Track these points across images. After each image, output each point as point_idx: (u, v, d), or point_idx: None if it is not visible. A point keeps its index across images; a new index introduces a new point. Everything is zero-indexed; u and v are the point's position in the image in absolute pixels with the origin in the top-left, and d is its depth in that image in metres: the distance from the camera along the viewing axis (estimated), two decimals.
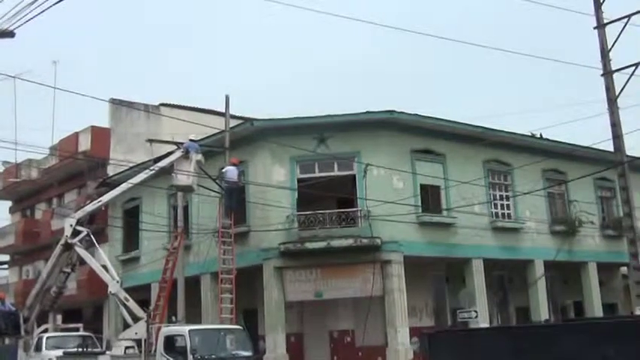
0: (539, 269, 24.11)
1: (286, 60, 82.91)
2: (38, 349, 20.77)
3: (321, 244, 20.28)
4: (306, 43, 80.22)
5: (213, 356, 15.13)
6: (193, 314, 21.50)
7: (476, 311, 21.55)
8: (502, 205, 24.12)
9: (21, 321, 22.37)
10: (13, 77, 16.86)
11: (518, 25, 72.29)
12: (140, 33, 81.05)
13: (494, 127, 23.34)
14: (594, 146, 21.62)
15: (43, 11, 10.20)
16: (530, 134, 25.13)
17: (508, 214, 24.15)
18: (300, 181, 21.44)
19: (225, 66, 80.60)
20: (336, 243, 20.23)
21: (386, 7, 70.38)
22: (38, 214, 34.31)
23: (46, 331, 22.40)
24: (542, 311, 23.55)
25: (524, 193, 23.38)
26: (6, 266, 39.24)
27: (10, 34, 11.03)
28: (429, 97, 69.93)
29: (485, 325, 21.63)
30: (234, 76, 76.78)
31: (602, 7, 18.13)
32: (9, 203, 37.56)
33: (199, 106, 30.16)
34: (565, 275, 25.75)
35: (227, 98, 21.57)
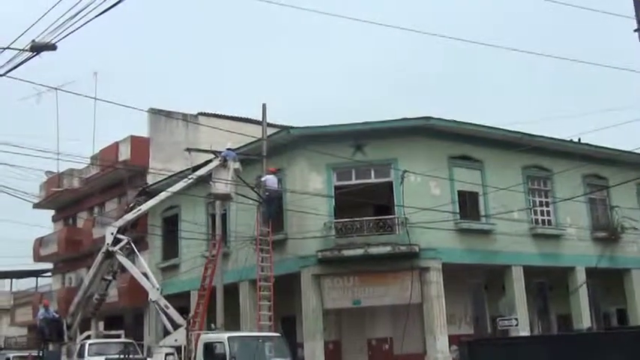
0: (580, 276, 23.71)
1: (319, 64, 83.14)
2: (81, 355, 21.07)
3: (359, 252, 20.26)
4: (337, 46, 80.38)
5: None
6: (232, 321, 21.63)
7: (516, 319, 21.29)
8: (542, 212, 23.80)
9: (64, 327, 22.78)
10: (56, 89, 17.22)
11: (562, 28, 71.43)
12: (178, 43, 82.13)
13: (533, 133, 23.08)
14: (636, 151, 21.23)
15: (85, 24, 10.41)
16: (569, 139, 24.79)
17: (548, 220, 23.82)
18: (337, 188, 21.45)
19: (262, 73, 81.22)
20: (373, 250, 20.19)
21: (420, 7, 70.20)
22: (80, 223, 34.88)
23: (88, 337, 22.72)
24: (584, 319, 23.15)
25: (565, 199, 23.04)
26: (49, 274, 40.02)
27: (52, 47, 11.25)
28: (466, 102, 69.42)
29: (526, 333, 21.36)
30: (271, 84, 77.29)
31: None
32: (52, 212, 38.28)
33: (237, 115, 30.44)
34: (607, 282, 25.26)
35: (264, 107, 21.72)
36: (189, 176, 21.25)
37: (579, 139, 24.83)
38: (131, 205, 22.48)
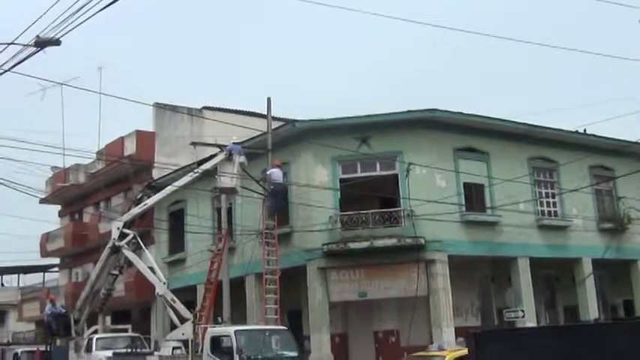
0: (587, 268, 23.65)
1: (326, 59, 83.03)
2: (89, 349, 21.19)
3: (365, 244, 20.26)
4: (345, 42, 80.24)
5: (259, 356, 15.26)
6: (238, 315, 21.69)
7: (522, 311, 21.27)
8: (548, 203, 23.74)
9: (72, 322, 22.87)
10: (61, 84, 17.25)
11: (564, 16, 71.14)
12: (182, 36, 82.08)
13: (539, 124, 23.01)
14: None
15: (88, 19, 10.41)
16: (575, 130, 24.70)
17: (554, 211, 23.75)
18: (342, 181, 21.45)
19: (268, 67, 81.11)
20: (379, 243, 20.19)
21: (436, 5, 69.90)
22: (86, 218, 35.01)
23: (95, 332, 22.82)
24: (591, 310, 23.10)
25: (571, 191, 22.98)
26: (56, 269, 40.18)
27: (56, 42, 11.26)
28: (472, 95, 69.26)
29: (533, 324, 21.33)
30: (276, 78, 77.23)
31: None
32: (58, 207, 38.41)
33: (242, 109, 30.44)
34: (614, 273, 25.23)
35: (269, 100, 21.69)
36: (195, 170, 21.28)
37: (585, 130, 24.75)
38: (138, 197, 22.48)
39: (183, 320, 19.13)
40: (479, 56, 76.57)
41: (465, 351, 12.37)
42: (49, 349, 23.57)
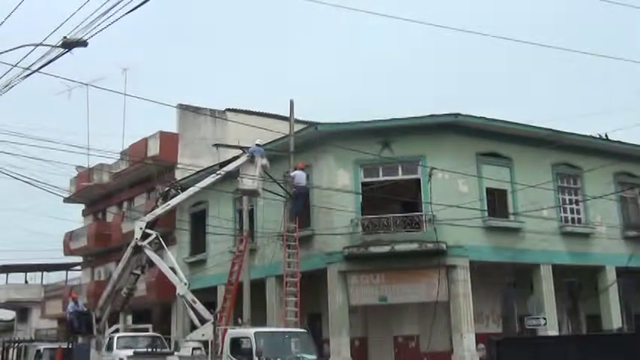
0: (610, 276, 23.40)
1: (347, 61, 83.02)
2: (110, 348, 21.32)
3: (386, 249, 20.21)
4: (367, 44, 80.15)
5: (278, 359, 15.24)
6: (258, 317, 21.71)
7: (544, 318, 21.06)
8: (572, 210, 23.53)
9: (93, 321, 23.06)
10: (86, 85, 17.43)
11: (587, 24, 70.42)
12: (206, 39, 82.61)
13: (563, 130, 22.80)
14: None
15: (115, 21, 10.53)
16: (599, 136, 24.47)
17: (578, 218, 23.53)
18: (364, 185, 21.42)
19: (290, 69, 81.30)
20: (400, 247, 20.13)
21: (442, 6, 69.62)
22: (109, 217, 35.30)
23: (117, 331, 22.96)
24: (614, 320, 22.85)
25: (595, 197, 22.75)
26: (79, 267, 40.55)
27: (82, 43, 11.40)
28: (496, 100, 68.79)
29: (555, 332, 21.14)
30: (299, 80, 77.36)
31: None
32: (82, 206, 38.78)
33: (264, 111, 30.52)
34: (638, 282, 24.90)
35: (291, 103, 21.75)
36: (217, 172, 21.36)
37: (606, 135, 24.51)
38: (166, 189, 22.44)
39: (203, 321, 19.19)
40: (507, 59, 76.08)
41: None
42: (70, 347, 23.78)
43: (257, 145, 21.04)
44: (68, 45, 11.44)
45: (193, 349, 19.01)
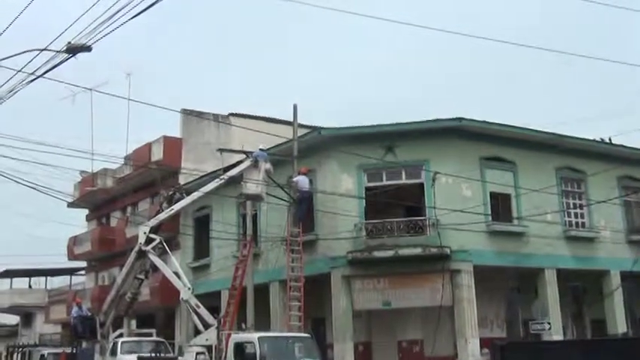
0: (615, 280, 23.34)
1: (349, 65, 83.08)
2: (114, 353, 21.32)
3: (389, 253, 20.19)
4: (368, 47, 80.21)
5: None
6: (262, 322, 21.70)
7: (549, 323, 20.99)
8: (576, 214, 23.49)
9: (97, 325, 23.04)
10: (90, 90, 17.44)
11: (593, 26, 70.41)
12: (209, 44, 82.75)
13: (566, 134, 22.79)
14: None
15: (119, 26, 10.56)
16: (602, 140, 24.44)
17: (582, 222, 23.49)
18: (367, 189, 21.42)
19: (293, 74, 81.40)
20: (404, 252, 20.10)
21: (448, 8, 69.74)
22: (113, 222, 35.34)
23: (121, 335, 22.96)
24: (619, 324, 22.79)
25: (599, 202, 22.70)
26: (83, 272, 40.58)
27: (87, 48, 11.44)
28: (498, 103, 68.79)
29: (559, 337, 21.08)
30: (302, 85, 77.42)
31: None
32: (86, 211, 38.83)
33: (268, 116, 30.54)
34: None
35: (295, 107, 21.74)
36: (221, 177, 21.37)
37: (610, 139, 24.47)
38: (170, 193, 22.42)
39: (207, 326, 19.18)
40: (506, 63, 76.09)
41: None
42: (74, 352, 23.81)
43: (261, 149, 21.07)
44: (72, 50, 11.48)
45: (197, 353, 18.99)
